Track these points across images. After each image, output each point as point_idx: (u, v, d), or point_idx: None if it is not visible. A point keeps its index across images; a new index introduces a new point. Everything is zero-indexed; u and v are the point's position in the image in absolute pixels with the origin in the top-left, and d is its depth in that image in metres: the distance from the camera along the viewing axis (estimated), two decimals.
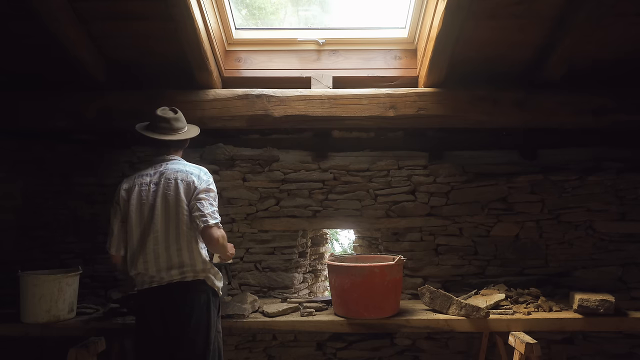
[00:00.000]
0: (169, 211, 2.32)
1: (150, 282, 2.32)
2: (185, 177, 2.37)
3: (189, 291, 2.31)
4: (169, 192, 2.33)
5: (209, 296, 2.36)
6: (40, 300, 2.62)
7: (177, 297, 2.30)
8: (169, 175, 2.38)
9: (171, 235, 2.31)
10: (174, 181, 2.35)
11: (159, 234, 2.31)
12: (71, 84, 3.16)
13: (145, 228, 2.33)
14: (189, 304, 2.29)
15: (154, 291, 2.32)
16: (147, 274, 2.31)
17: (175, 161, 2.48)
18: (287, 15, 3.57)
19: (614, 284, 3.23)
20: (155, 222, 2.31)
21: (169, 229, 2.31)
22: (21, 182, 3.36)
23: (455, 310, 2.73)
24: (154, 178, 2.39)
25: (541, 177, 3.30)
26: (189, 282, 2.32)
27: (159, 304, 2.31)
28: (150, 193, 2.36)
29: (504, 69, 3.16)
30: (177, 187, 2.33)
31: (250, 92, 3.13)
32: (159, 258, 2.29)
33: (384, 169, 3.37)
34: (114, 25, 2.87)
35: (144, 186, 2.39)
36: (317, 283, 3.75)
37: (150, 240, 2.31)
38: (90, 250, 3.33)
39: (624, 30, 2.84)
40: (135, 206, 2.36)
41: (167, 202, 2.33)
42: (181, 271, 2.30)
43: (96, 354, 2.53)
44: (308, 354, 3.28)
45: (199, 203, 2.31)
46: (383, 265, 2.65)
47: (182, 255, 2.31)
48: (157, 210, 2.32)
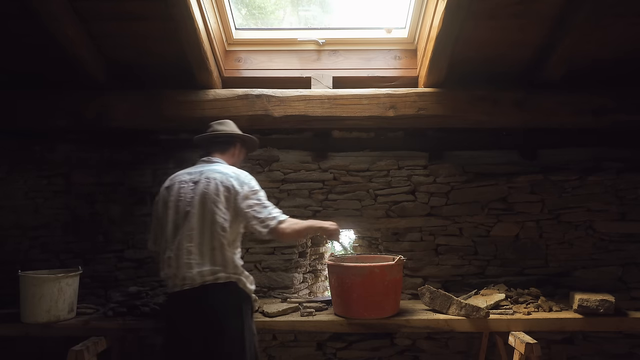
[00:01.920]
0: (206, 211, 2.30)
1: (182, 285, 2.26)
2: (225, 180, 2.36)
3: (222, 293, 2.27)
4: (207, 192, 2.32)
5: (241, 298, 2.33)
6: (40, 300, 2.62)
7: (210, 299, 2.25)
8: (209, 175, 2.38)
9: (206, 234, 2.28)
10: (213, 181, 2.34)
11: (194, 232, 2.28)
12: (71, 84, 3.16)
13: (180, 226, 2.31)
14: (222, 306, 2.25)
15: (187, 294, 2.26)
16: (179, 274, 2.26)
17: (217, 163, 2.49)
18: (287, 15, 3.57)
19: (614, 284, 3.23)
20: (190, 221, 2.29)
21: (203, 228, 2.29)
22: (21, 182, 3.36)
23: (455, 310, 2.73)
24: (194, 177, 2.40)
25: (541, 177, 3.31)
26: (221, 284, 2.27)
27: (192, 307, 2.25)
28: (188, 191, 2.35)
29: (503, 69, 3.16)
30: (217, 189, 2.33)
31: (250, 92, 3.13)
32: (191, 255, 2.26)
33: (384, 169, 3.38)
34: (113, 25, 2.87)
35: (183, 184, 2.39)
36: (317, 283, 3.75)
37: (185, 238, 2.28)
38: (90, 250, 3.33)
39: (624, 30, 2.85)
40: (173, 203, 2.36)
41: (204, 201, 2.31)
42: (213, 270, 2.26)
43: (96, 354, 2.53)
44: (308, 354, 3.28)
45: (252, 210, 2.33)
46: (383, 265, 2.65)
47: (215, 255, 2.28)
48: (193, 209, 2.30)
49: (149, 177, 3.36)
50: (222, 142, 2.60)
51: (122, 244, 3.34)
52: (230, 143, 2.63)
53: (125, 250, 3.33)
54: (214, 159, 2.52)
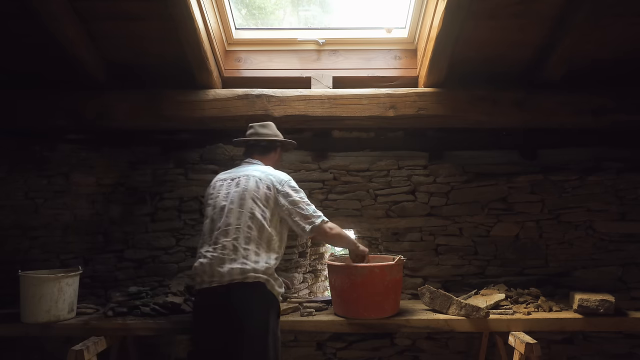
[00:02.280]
0: (244, 207, 2.33)
1: (210, 282, 2.27)
2: (264, 177, 2.43)
3: (248, 293, 2.26)
4: (246, 189, 2.37)
5: (268, 300, 2.31)
6: (40, 300, 2.62)
7: (234, 298, 2.24)
8: (249, 173, 2.46)
9: (242, 230, 2.30)
10: (252, 179, 2.41)
11: (230, 227, 2.31)
12: (71, 84, 3.16)
13: (217, 220, 2.35)
14: (246, 306, 2.23)
15: (214, 291, 2.26)
16: (210, 270, 2.26)
17: (258, 165, 2.58)
18: (287, 15, 3.57)
19: (614, 284, 3.23)
20: (228, 216, 2.33)
21: (240, 224, 2.31)
22: (21, 182, 3.36)
23: (455, 310, 2.73)
24: (232, 175, 2.49)
25: (541, 177, 3.31)
26: (248, 284, 2.26)
27: (217, 305, 2.25)
28: (225, 187, 2.43)
29: (503, 69, 3.16)
30: (257, 185, 2.38)
31: (250, 92, 3.13)
32: (225, 250, 2.27)
33: (384, 169, 3.38)
34: (113, 25, 2.87)
35: (222, 182, 2.48)
36: (317, 283, 3.75)
37: (221, 233, 2.31)
38: (90, 250, 3.33)
39: (624, 30, 2.85)
40: (212, 200, 2.44)
41: (243, 197, 2.35)
42: (243, 269, 2.25)
43: (96, 354, 2.53)
44: (308, 354, 3.28)
45: (296, 208, 2.39)
46: (383, 265, 2.65)
47: (249, 252, 2.28)
48: (231, 205, 2.35)
49: (149, 177, 3.36)
50: (263, 146, 2.68)
51: (122, 244, 3.34)
52: (272, 148, 2.71)
53: (125, 250, 3.33)
54: (254, 161, 2.61)
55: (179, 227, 3.33)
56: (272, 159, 2.69)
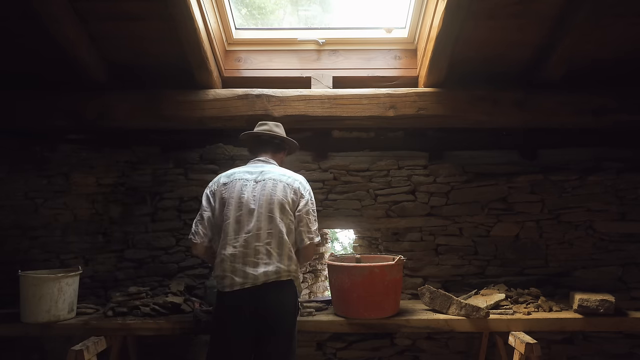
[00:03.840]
0: (275, 212, 2.32)
1: (243, 283, 2.24)
2: (292, 183, 2.42)
3: (282, 292, 2.30)
4: (275, 193, 2.35)
5: (296, 296, 2.37)
6: (40, 300, 2.62)
7: (271, 297, 2.26)
8: (274, 176, 2.42)
9: (274, 235, 2.30)
10: (280, 184, 2.39)
11: (262, 231, 2.30)
12: (71, 84, 3.16)
13: (244, 223, 2.31)
14: (281, 305, 2.27)
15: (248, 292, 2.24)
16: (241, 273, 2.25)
17: (273, 165, 2.53)
18: (286, 15, 3.58)
19: (614, 284, 3.23)
20: (259, 220, 2.31)
21: (272, 229, 2.31)
22: (21, 182, 3.36)
23: (455, 310, 2.73)
24: (255, 176, 2.42)
25: (541, 177, 3.31)
26: (282, 282, 2.29)
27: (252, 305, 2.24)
28: (250, 189, 2.36)
29: (503, 69, 3.16)
30: (285, 191, 2.37)
31: (250, 92, 3.13)
32: (259, 254, 2.27)
33: (384, 169, 3.38)
34: (114, 25, 2.87)
35: (245, 182, 2.40)
36: (317, 283, 3.75)
37: (252, 237, 2.29)
38: (90, 250, 3.33)
39: (624, 30, 2.85)
40: (235, 200, 2.35)
41: (272, 202, 2.34)
42: (278, 270, 2.27)
43: (96, 354, 2.53)
44: (308, 354, 3.27)
45: (307, 218, 2.40)
46: (383, 265, 2.65)
47: (282, 255, 2.30)
48: (261, 209, 2.32)
49: (149, 177, 3.36)
50: (276, 144, 2.64)
51: (122, 244, 3.34)
52: (282, 147, 2.69)
53: (125, 250, 3.33)
54: (271, 161, 2.56)
55: (179, 227, 3.33)
56: (280, 159, 2.66)
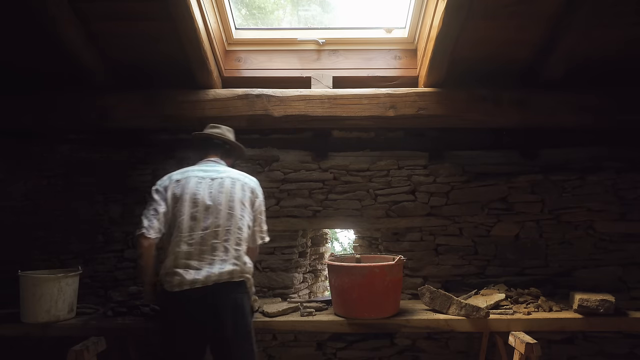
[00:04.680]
0: (234, 209, 2.35)
1: (193, 282, 2.21)
2: (249, 183, 2.48)
3: (235, 291, 2.30)
4: (234, 191, 2.38)
5: (249, 296, 2.40)
6: (40, 300, 2.62)
7: (223, 297, 2.25)
8: (231, 175, 2.45)
9: (232, 232, 2.32)
10: (238, 182, 2.43)
11: (220, 229, 2.30)
12: (71, 84, 3.16)
13: (199, 220, 2.29)
14: (234, 304, 2.27)
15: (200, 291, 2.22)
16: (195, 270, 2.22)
17: (224, 165, 2.55)
18: (287, 15, 3.58)
19: (614, 284, 3.23)
20: (217, 217, 2.31)
21: (231, 226, 2.32)
22: (21, 182, 3.36)
23: (455, 310, 2.73)
24: (210, 174, 2.42)
25: (541, 177, 3.31)
26: (235, 283, 2.30)
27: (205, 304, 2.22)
28: (209, 188, 2.36)
29: (503, 69, 3.16)
30: (244, 189, 2.42)
31: (250, 92, 3.12)
32: (215, 251, 2.27)
33: (384, 169, 3.37)
34: (114, 25, 2.87)
35: (200, 179, 2.39)
36: (317, 283, 3.75)
37: (210, 234, 2.29)
38: (90, 250, 3.33)
39: (624, 30, 2.84)
40: (189, 197, 2.32)
41: (232, 200, 2.36)
42: (233, 270, 2.28)
43: (96, 354, 2.53)
44: (308, 354, 3.28)
45: (261, 218, 2.50)
46: (383, 265, 2.65)
47: (239, 253, 2.33)
48: (221, 206, 2.33)
49: (148, 177, 3.36)
50: (227, 149, 2.65)
51: (122, 244, 3.34)
52: (231, 153, 2.69)
53: (125, 250, 3.33)
54: (222, 162, 2.58)
55: None
56: (229, 164, 2.64)
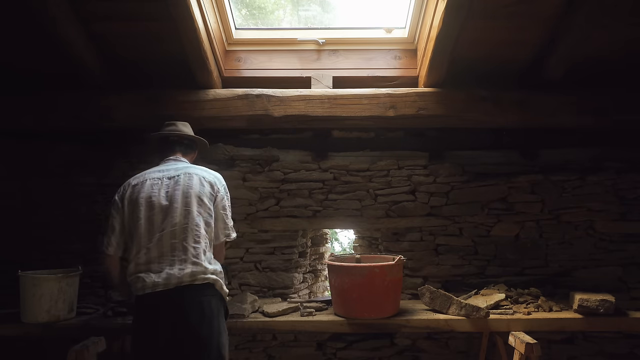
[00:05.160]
0: (191, 205, 2.23)
1: (155, 285, 2.13)
2: (207, 177, 2.35)
3: (200, 295, 2.17)
4: (190, 186, 2.26)
5: (217, 300, 2.24)
6: (40, 300, 2.62)
7: (187, 301, 2.14)
8: (189, 170, 2.34)
9: (190, 230, 2.20)
10: (196, 177, 2.31)
11: (177, 228, 2.19)
12: (71, 84, 3.16)
13: (157, 222, 2.21)
14: (199, 308, 2.15)
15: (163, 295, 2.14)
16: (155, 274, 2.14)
17: (185, 162, 2.47)
18: (287, 15, 3.58)
19: (614, 284, 3.23)
20: (173, 216, 2.20)
21: (188, 223, 2.21)
22: (21, 182, 3.36)
23: (455, 310, 2.73)
24: (167, 173, 2.33)
25: (541, 177, 3.31)
26: (199, 286, 2.17)
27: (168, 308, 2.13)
28: (163, 186, 2.26)
29: (504, 69, 3.16)
30: (201, 183, 2.30)
31: (250, 92, 3.13)
32: (175, 252, 2.17)
33: (384, 169, 3.37)
34: (114, 25, 2.87)
35: (156, 180, 2.29)
36: (317, 283, 3.75)
37: (167, 234, 2.19)
38: (90, 250, 3.32)
39: (623, 30, 2.84)
40: (144, 200, 2.24)
41: (188, 195, 2.24)
42: (194, 271, 2.16)
43: (96, 354, 2.52)
44: (308, 354, 3.28)
45: (223, 213, 2.35)
46: (383, 265, 2.65)
47: (199, 252, 2.20)
48: (175, 204, 2.22)
49: None
50: (186, 145, 2.59)
51: None
52: (193, 147, 2.64)
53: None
54: (182, 159, 2.49)
55: None
56: (191, 159, 2.58)
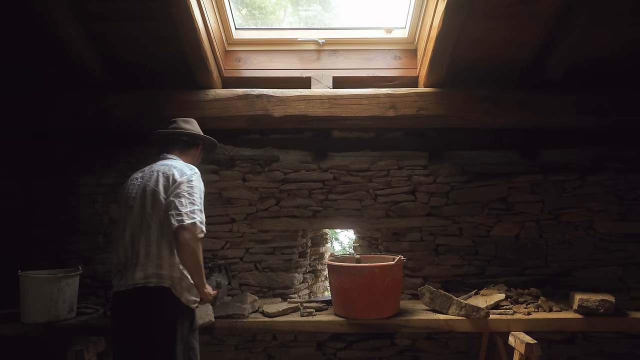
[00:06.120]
0: (146, 203, 2.18)
1: (119, 286, 2.18)
2: (167, 170, 2.24)
3: (152, 300, 2.10)
4: (148, 184, 2.22)
5: (174, 308, 2.13)
6: (40, 300, 2.62)
7: (138, 306, 2.09)
8: (157, 168, 2.29)
9: (143, 228, 2.16)
10: (156, 173, 2.24)
11: (135, 228, 2.18)
12: (71, 84, 3.16)
13: (126, 223, 2.22)
14: (150, 312, 2.08)
15: (122, 296, 2.16)
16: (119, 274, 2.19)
17: (172, 159, 2.39)
18: (287, 15, 3.58)
19: (614, 284, 3.23)
20: (133, 215, 2.20)
21: (142, 222, 2.17)
22: (21, 182, 3.36)
23: (455, 310, 2.73)
24: (143, 174, 2.32)
25: (541, 177, 3.31)
26: (151, 289, 2.10)
27: (124, 312, 2.15)
28: (135, 187, 2.27)
29: (504, 69, 3.16)
30: (157, 180, 2.21)
31: (250, 92, 3.13)
32: (133, 252, 2.16)
33: (384, 169, 3.37)
34: (114, 25, 2.87)
35: (133, 180, 2.33)
36: (317, 283, 3.75)
37: (129, 236, 2.19)
38: (90, 250, 3.32)
39: (624, 30, 2.84)
40: (123, 202, 2.30)
41: (145, 193, 2.20)
42: (145, 274, 2.11)
43: (96, 354, 2.52)
44: (308, 354, 3.28)
45: (177, 200, 2.11)
46: (383, 265, 2.65)
47: (150, 251, 2.12)
48: (135, 203, 2.21)
49: None
50: (184, 142, 2.51)
51: None
52: (193, 144, 2.55)
53: None
54: (170, 156, 2.41)
55: None
56: (191, 156, 2.51)
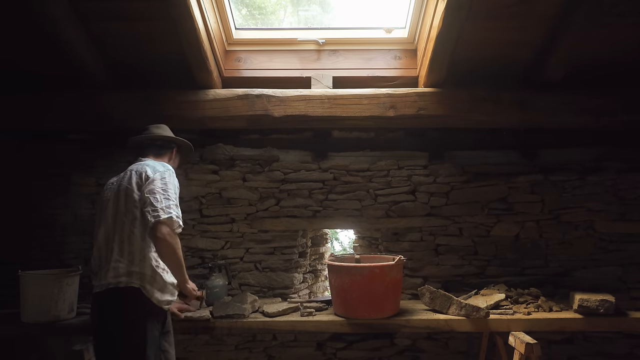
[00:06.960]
0: (119, 202, 2.19)
1: (95, 287, 2.17)
2: (140, 169, 2.24)
3: (122, 301, 2.09)
4: (122, 184, 2.23)
5: (144, 309, 2.11)
6: (40, 300, 2.62)
7: (109, 308, 2.09)
8: (131, 167, 2.30)
9: (117, 226, 2.16)
10: (129, 172, 2.25)
11: (108, 227, 2.19)
12: (71, 84, 3.16)
13: (101, 224, 2.24)
14: (118, 314, 2.07)
15: (97, 297, 2.15)
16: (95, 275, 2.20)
17: (146, 161, 2.37)
18: (287, 15, 3.58)
19: (614, 284, 3.22)
20: (106, 215, 2.21)
21: (115, 221, 2.18)
22: (21, 182, 3.35)
23: (455, 310, 2.73)
24: (119, 176, 2.34)
25: (541, 177, 3.31)
26: (121, 290, 2.08)
27: (98, 314, 2.14)
28: (110, 189, 2.30)
29: (504, 69, 3.16)
30: (130, 178, 2.21)
31: (250, 92, 3.13)
32: (107, 253, 2.16)
33: (384, 169, 3.37)
34: (113, 25, 2.87)
35: (108, 185, 2.35)
36: (317, 283, 3.75)
37: (103, 237, 2.20)
38: (90, 250, 3.30)
39: (624, 30, 2.85)
40: (99, 204, 2.34)
41: (118, 193, 2.21)
42: (116, 273, 2.10)
43: None
44: (308, 354, 3.28)
45: (151, 196, 2.10)
46: (383, 265, 2.65)
47: (124, 247, 2.13)
48: (110, 203, 2.23)
49: None
50: (158, 146, 2.53)
51: None
52: (167, 147, 2.57)
53: None
54: (144, 159, 2.41)
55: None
56: (167, 159, 2.52)
